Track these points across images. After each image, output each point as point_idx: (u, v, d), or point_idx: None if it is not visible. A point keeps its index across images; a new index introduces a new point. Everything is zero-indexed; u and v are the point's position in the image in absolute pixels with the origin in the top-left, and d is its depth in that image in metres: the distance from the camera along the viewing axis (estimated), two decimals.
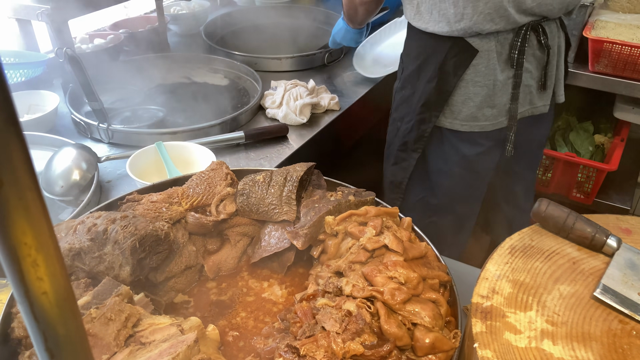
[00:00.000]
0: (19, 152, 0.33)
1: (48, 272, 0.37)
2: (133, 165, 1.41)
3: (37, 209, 0.35)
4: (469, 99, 1.58)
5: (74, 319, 0.41)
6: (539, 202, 1.00)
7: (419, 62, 1.63)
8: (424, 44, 1.61)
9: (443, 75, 1.58)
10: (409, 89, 1.70)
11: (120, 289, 0.85)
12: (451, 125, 1.64)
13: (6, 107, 0.32)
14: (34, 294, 0.37)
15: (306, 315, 0.88)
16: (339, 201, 1.08)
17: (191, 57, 2.19)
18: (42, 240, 0.36)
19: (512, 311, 0.86)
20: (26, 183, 0.34)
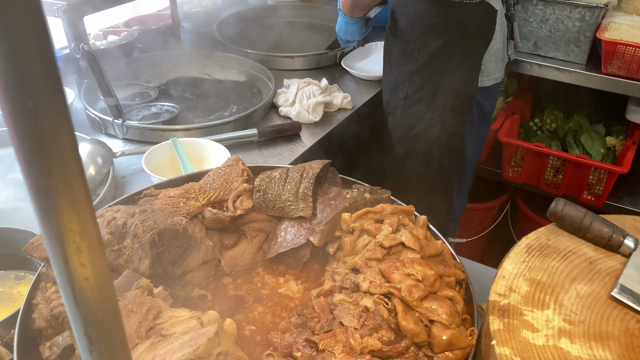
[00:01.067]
0: (68, 141, 0.34)
1: (91, 258, 0.38)
2: (148, 161, 1.42)
3: (82, 197, 0.36)
4: (493, 55, 1.77)
5: (113, 305, 0.42)
6: (555, 201, 1.00)
7: (450, 33, 1.72)
8: (453, 15, 1.70)
9: (481, 38, 1.73)
10: (437, 62, 1.77)
11: (140, 282, 0.85)
12: (481, 83, 1.79)
13: (58, 96, 0.32)
14: (77, 279, 0.38)
15: (324, 311, 0.89)
16: (355, 199, 1.09)
17: (204, 55, 2.20)
18: (86, 227, 0.37)
19: (530, 309, 0.86)
20: (74, 171, 0.35)
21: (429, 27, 1.74)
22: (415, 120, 1.87)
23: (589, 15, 2.08)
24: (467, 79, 1.76)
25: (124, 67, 2.05)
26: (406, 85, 1.84)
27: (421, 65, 1.79)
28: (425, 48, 1.76)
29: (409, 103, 1.86)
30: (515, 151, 2.40)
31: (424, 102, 1.83)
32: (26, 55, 0.30)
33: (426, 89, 1.81)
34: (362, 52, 2.31)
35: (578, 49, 2.16)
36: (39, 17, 0.30)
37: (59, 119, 0.33)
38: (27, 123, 0.32)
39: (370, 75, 2.12)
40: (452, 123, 1.82)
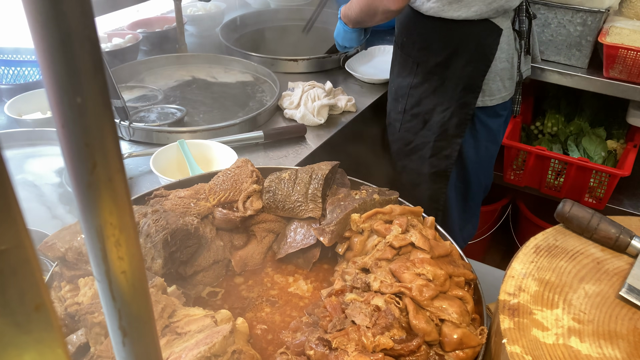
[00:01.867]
0: (111, 135, 0.35)
1: (128, 252, 0.39)
2: (156, 162, 1.43)
3: (122, 192, 0.37)
4: (497, 75, 1.73)
5: (146, 299, 0.42)
6: (563, 202, 1.02)
7: (449, 51, 1.69)
8: (454, 33, 1.67)
9: (480, 58, 1.68)
10: (435, 80, 1.74)
11: (155, 281, 0.86)
12: (482, 102, 1.75)
13: (103, 93, 0.34)
14: (114, 272, 0.39)
15: (336, 310, 0.90)
16: (364, 199, 1.10)
17: (209, 58, 2.21)
18: (125, 221, 0.38)
19: (539, 309, 0.87)
20: (116, 165, 0.36)
21: (428, 43, 1.73)
22: (411, 135, 1.86)
23: (591, 20, 2.10)
24: (463, 99, 1.72)
25: (128, 69, 2.06)
26: (405, 99, 1.83)
27: (419, 81, 1.77)
28: (424, 64, 1.75)
29: (407, 117, 1.85)
30: (516, 154, 2.41)
31: (420, 119, 1.81)
32: (77, 51, 0.31)
33: (423, 105, 1.79)
34: (366, 55, 2.33)
35: (580, 53, 2.18)
36: (90, 16, 0.31)
37: (104, 115, 0.34)
38: (75, 119, 0.33)
39: (373, 79, 2.13)
40: (444, 144, 1.80)
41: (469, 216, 2.04)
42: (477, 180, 1.93)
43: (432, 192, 1.88)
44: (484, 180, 1.98)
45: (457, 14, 1.62)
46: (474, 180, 1.92)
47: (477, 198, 2.02)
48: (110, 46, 2.17)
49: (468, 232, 2.07)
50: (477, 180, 1.93)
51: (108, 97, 0.34)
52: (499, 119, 1.84)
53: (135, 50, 2.20)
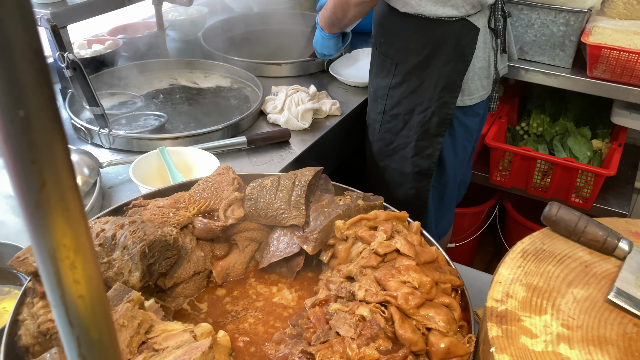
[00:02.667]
0: (61, 152, 0.32)
1: (85, 274, 0.36)
2: (136, 171, 1.40)
3: (76, 211, 0.34)
4: (475, 74, 1.72)
5: (108, 323, 0.40)
6: (549, 205, 1.00)
7: (427, 51, 1.67)
8: (430, 33, 1.65)
9: (459, 57, 1.67)
10: (414, 80, 1.72)
11: (131, 295, 0.83)
12: (462, 102, 1.75)
13: (50, 105, 0.31)
14: (71, 297, 0.36)
15: (319, 321, 0.88)
16: (348, 205, 1.07)
17: (191, 63, 2.18)
18: (80, 242, 0.35)
19: (527, 315, 0.85)
20: (67, 183, 0.33)
21: (406, 44, 1.70)
22: (392, 135, 1.84)
23: (574, 20, 2.09)
24: (442, 99, 1.71)
25: (109, 76, 2.03)
26: (384, 100, 1.81)
27: (398, 81, 1.75)
28: (403, 64, 1.72)
29: (386, 118, 1.83)
30: (502, 155, 2.41)
31: (400, 119, 1.80)
32: (17, 60, 0.28)
33: (402, 106, 1.77)
34: (350, 58, 2.31)
35: (563, 53, 2.18)
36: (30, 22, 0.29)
37: (52, 129, 0.31)
38: (18, 134, 0.30)
39: (358, 82, 2.11)
40: (426, 144, 1.78)
41: (444, 212, 2.05)
42: (453, 178, 1.94)
43: (416, 190, 1.88)
44: (460, 177, 2.01)
45: (435, 8, 1.60)
46: (450, 179, 1.92)
47: (452, 195, 2.03)
48: (90, 52, 2.14)
49: (442, 227, 2.09)
50: (454, 178, 1.95)
51: (56, 109, 0.31)
52: (477, 117, 1.85)
53: (116, 56, 2.17)
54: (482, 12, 1.67)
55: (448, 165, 1.87)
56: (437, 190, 1.93)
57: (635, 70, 2.00)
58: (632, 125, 2.27)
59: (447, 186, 1.94)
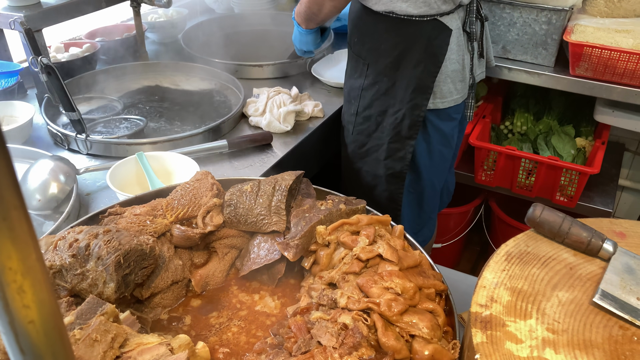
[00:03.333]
0: (3, 168, 0.30)
1: (35, 298, 0.34)
2: (113, 177, 1.37)
3: (23, 230, 0.32)
4: (448, 76, 1.68)
5: (64, 348, 0.37)
6: (533, 207, 0.99)
7: (398, 51, 1.64)
8: (403, 32, 1.61)
9: (430, 58, 1.63)
10: (385, 82, 1.69)
11: (105, 308, 0.80)
12: (434, 105, 1.70)
13: None
14: (20, 323, 0.34)
15: (301, 330, 0.85)
16: (329, 210, 1.05)
17: (170, 66, 2.14)
18: (28, 264, 0.33)
19: (512, 320, 0.84)
20: (11, 201, 0.31)
21: (378, 44, 1.67)
22: (364, 137, 1.81)
23: (555, 18, 2.09)
24: (414, 102, 1.67)
25: (87, 79, 1.99)
26: (357, 101, 1.78)
27: (370, 82, 1.72)
28: (374, 65, 1.69)
29: (359, 120, 1.80)
30: (487, 155, 2.40)
31: (372, 121, 1.77)
32: None
33: (375, 107, 1.74)
34: (332, 59, 2.29)
35: (546, 51, 2.17)
36: None
37: None
38: None
39: (340, 83, 2.09)
40: (398, 146, 1.75)
41: (425, 220, 2.01)
42: (430, 184, 1.89)
43: (389, 193, 1.85)
44: (438, 184, 1.93)
45: (406, 4, 1.56)
46: (427, 185, 1.87)
47: (432, 202, 1.97)
48: (67, 56, 2.10)
49: (424, 235, 2.04)
50: (431, 184, 1.89)
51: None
52: (452, 122, 1.79)
53: (94, 59, 2.13)
54: (455, 14, 1.63)
55: (423, 170, 1.82)
56: (414, 196, 1.88)
57: (617, 68, 2.00)
58: (615, 122, 2.28)
59: (425, 192, 1.89)
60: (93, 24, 2.43)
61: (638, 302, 0.86)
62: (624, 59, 1.96)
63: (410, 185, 1.85)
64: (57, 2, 1.77)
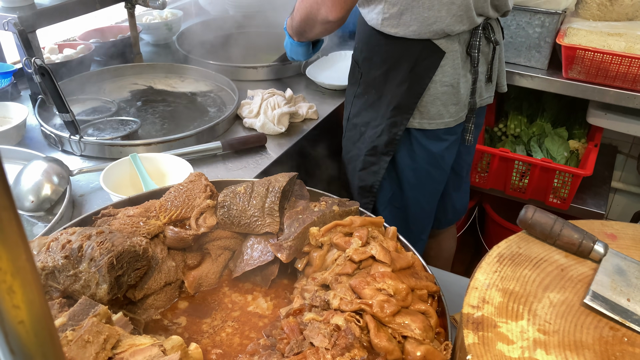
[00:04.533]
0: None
1: (25, 299, 0.34)
2: (107, 178, 1.36)
3: (12, 231, 0.32)
4: (437, 98, 1.64)
5: (54, 348, 0.37)
6: (525, 209, 0.99)
7: (387, 66, 1.63)
8: (392, 49, 1.61)
9: (415, 78, 1.60)
10: (373, 94, 1.69)
11: (97, 309, 0.80)
12: (420, 125, 1.68)
13: None
14: (10, 323, 0.34)
15: (293, 331, 0.85)
16: (323, 212, 1.06)
17: (165, 67, 2.15)
18: (18, 264, 0.33)
19: (504, 321, 0.84)
20: (1, 202, 0.31)
21: (371, 55, 1.67)
22: (350, 144, 1.82)
23: (549, 22, 2.11)
24: (394, 119, 1.65)
25: (81, 81, 1.98)
26: (349, 107, 1.79)
27: (361, 91, 1.72)
28: (366, 75, 1.69)
29: (349, 126, 1.81)
30: (480, 157, 2.41)
31: (357, 130, 1.77)
32: None
33: (361, 116, 1.74)
34: (327, 61, 2.30)
35: (539, 54, 2.19)
36: None
37: None
38: None
39: (335, 85, 2.10)
40: (374, 160, 1.74)
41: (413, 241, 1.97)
42: (415, 202, 1.84)
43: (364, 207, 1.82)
44: (426, 204, 1.88)
45: (395, 30, 1.56)
46: (412, 202, 1.83)
47: (419, 223, 1.92)
48: (61, 57, 2.09)
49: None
50: (416, 202, 1.84)
51: None
52: (442, 143, 1.73)
53: (88, 61, 2.13)
54: (456, 36, 1.58)
55: (406, 186, 1.80)
56: (399, 211, 1.86)
57: (610, 71, 2.02)
58: (607, 125, 2.30)
59: (409, 210, 1.85)
60: (87, 25, 2.42)
61: (629, 303, 0.87)
62: (616, 62, 1.98)
63: (394, 199, 1.83)
64: (51, 3, 1.77)
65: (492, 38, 1.66)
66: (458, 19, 1.53)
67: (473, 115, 1.73)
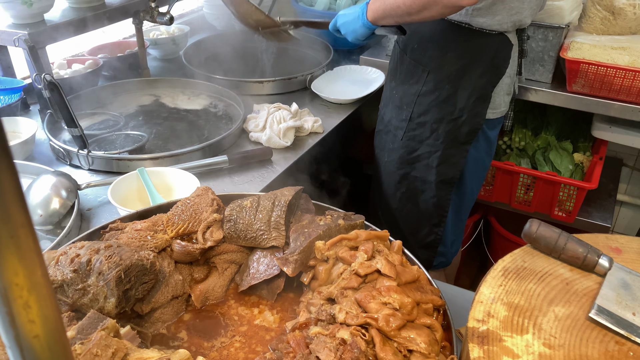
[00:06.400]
0: (11, 186, 0.31)
1: (40, 314, 0.35)
2: (115, 193, 1.38)
3: (29, 248, 0.33)
4: (502, 89, 1.76)
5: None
6: (530, 222, 1.00)
7: (466, 60, 1.70)
8: (470, 44, 1.68)
9: (494, 69, 1.71)
10: (446, 89, 1.74)
11: (105, 323, 0.81)
12: (487, 115, 1.78)
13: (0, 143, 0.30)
14: (25, 337, 0.35)
15: (299, 345, 0.86)
16: (328, 225, 1.06)
17: (172, 82, 2.17)
18: (34, 280, 0.34)
19: (509, 335, 0.84)
20: (19, 220, 0.32)
21: (443, 52, 1.71)
22: (416, 143, 1.84)
23: (552, 36, 2.12)
24: (475, 109, 1.74)
25: (89, 95, 2.01)
26: (411, 106, 1.80)
27: (430, 89, 1.75)
28: (436, 72, 1.73)
29: (412, 125, 1.83)
30: None
31: (427, 127, 1.80)
32: None
33: (432, 113, 1.78)
34: (332, 75, 2.32)
35: (543, 68, 2.20)
36: None
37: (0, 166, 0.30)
38: None
39: (340, 99, 2.12)
40: (453, 152, 1.80)
41: (460, 230, 2.08)
42: (470, 191, 1.95)
43: (437, 199, 1.89)
44: (476, 191, 2.02)
45: (482, 20, 1.63)
46: (468, 192, 1.93)
47: (467, 210, 2.04)
48: (69, 72, 2.12)
49: (456, 247, 2.10)
50: (471, 191, 1.95)
51: (4, 141, 0.30)
52: (496, 130, 1.88)
53: (96, 75, 2.15)
54: (514, 31, 1.71)
55: (467, 176, 1.89)
56: (454, 203, 1.94)
57: (614, 84, 2.02)
58: (612, 138, 2.30)
59: (464, 199, 1.96)
60: (95, 40, 2.46)
61: (634, 317, 0.87)
62: (620, 75, 1.99)
63: (453, 192, 1.90)
64: (61, 20, 1.80)
65: (526, 34, 1.79)
66: (531, 13, 1.69)
67: (512, 104, 1.89)
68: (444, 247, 2.02)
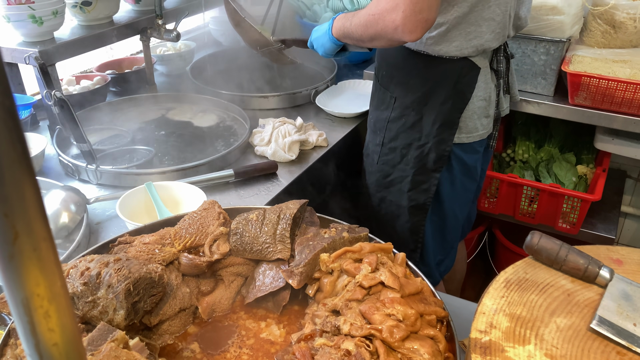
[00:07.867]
0: (34, 202, 0.33)
1: (60, 323, 0.37)
2: (123, 207, 1.40)
3: (50, 260, 0.35)
4: (474, 113, 1.71)
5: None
6: (531, 235, 1.01)
7: (427, 87, 1.68)
8: (432, 70, 1.66)
9: (458, 95, 1.67)
10: (412, 115, 1.73)
11: (115, 334, 0.83)
12: (458, 139, 1.74)
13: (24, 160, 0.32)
14: (45, 345, 0.37)
15: (305, 356, 0.87)
16: (333, 238, 1.08)
17: (179, 97, 2.20)
18: (54, 291, 0.36)
19: (511, 345, 0.86)
20: (41, 233, 0.34)
21: (407, 79, 1.71)
22: (389, 168, 1.85)
23: (554, 49, 2.14)
24: (441, 135, 1.71)
25: (97, 111, 2.04)
26: (383, 132, 1.82)
27: (397, 115, 1.76)
28: (402, 98, 1.73)
29: (384, 150, 1.84)
30: (489, 182, 2.43)
31: (397, 152, 1.81)
32: None
33: (400, 140, 1.78)
34: (336, 90, 2.35)
35: (545, 81, 2.22)
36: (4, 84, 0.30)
37: (24, 183, 0.32)
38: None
39: (344, 113, 2.14)
40: (423, 178, 1.79)
41: (447, 250, 2.03)
42: (452, 214, 1.91)
43: (411, 224, 1.87)
44: (460, 214, 1.95)
45: (438, 48, 1.61)
46: (449, 214, 1.90)
47: (454, 232, 1.99)
48: (78, 89, 2.16)
49: (445, 266, 2.06)
50: (453, 214, 1.91)
51: (29, 162, 0.33)
52: (476, 154, 1.82)
53: (104, 91, 2.19)
54: (485, 54, 1.67)
55: (445, 199, 1.85)
56: (436, 225, 1.90)
57: (615, 97, 2.04)
58: (615, 150, 2.31)
59: (447, 221, 1.91)
60: (103, 57, 2.50)
61: (635, 328, 0.88)
62: (621, 88, 2.00)
63: (432, 214, 1.87)
64: (70, 38, 1.84)
65: (508, 53, 1.77)
66: (495, 36, 1.62)
67: (498, 125, 1.85)
68: (426, 267, 1.98)
